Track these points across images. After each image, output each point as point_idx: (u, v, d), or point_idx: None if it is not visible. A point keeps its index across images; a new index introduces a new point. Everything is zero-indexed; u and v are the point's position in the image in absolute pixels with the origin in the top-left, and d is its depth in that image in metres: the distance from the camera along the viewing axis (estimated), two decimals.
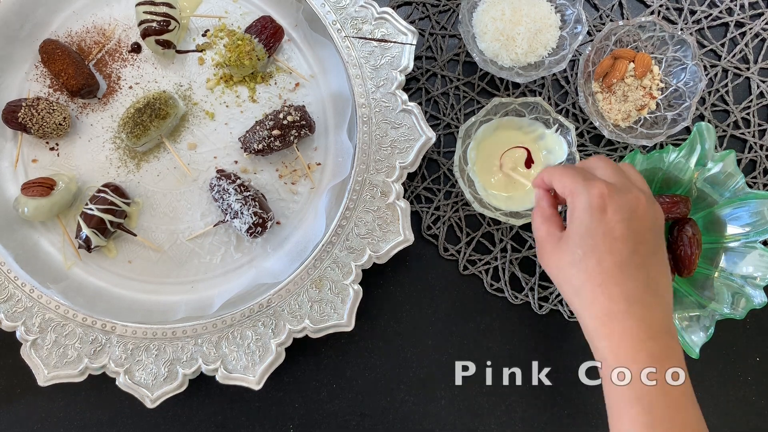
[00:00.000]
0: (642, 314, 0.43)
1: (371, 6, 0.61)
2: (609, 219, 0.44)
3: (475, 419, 0.63)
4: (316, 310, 0.57)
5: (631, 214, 0.44)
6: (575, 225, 0.45)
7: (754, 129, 0.67)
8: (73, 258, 0.61)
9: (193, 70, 0.64)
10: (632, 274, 0.44)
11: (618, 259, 0.44)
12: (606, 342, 0.44)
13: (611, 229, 0.44)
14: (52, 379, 0.56)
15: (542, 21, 0.61)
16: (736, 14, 0.68)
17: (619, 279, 0.43)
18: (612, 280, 0.43)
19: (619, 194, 0.44)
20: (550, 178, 0.49)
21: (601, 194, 0.44)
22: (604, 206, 0.44)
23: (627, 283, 0.43)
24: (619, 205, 0.44)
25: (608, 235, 0.44)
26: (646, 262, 0.44)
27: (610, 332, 0.44)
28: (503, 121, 0.60)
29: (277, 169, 0.63)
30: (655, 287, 0.44)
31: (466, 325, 0.64)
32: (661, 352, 0.43)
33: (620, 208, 0.44)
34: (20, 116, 0.58)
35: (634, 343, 0.43)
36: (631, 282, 0.43)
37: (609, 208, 0.44)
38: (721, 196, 0.56)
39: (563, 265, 0.46)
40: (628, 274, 0.44)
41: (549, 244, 0.47)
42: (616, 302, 0.43)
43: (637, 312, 0.43)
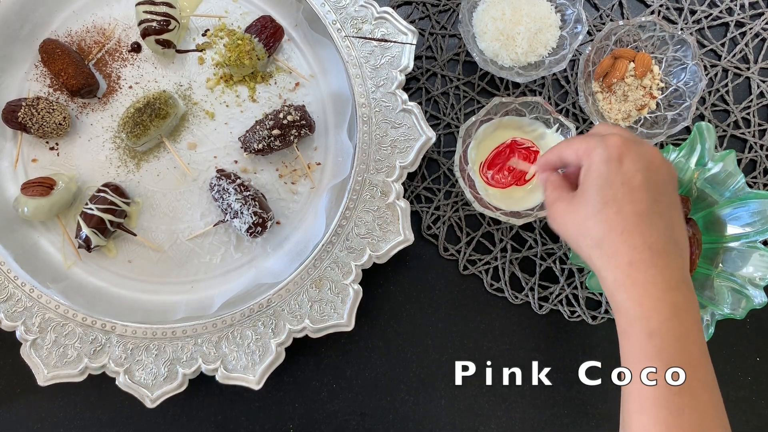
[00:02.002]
0: (665, 263, 0.42)
1: (371, 6, 0.61)
2: (627, 169, 0.43)
3: (475, 419, 0.63)
4: (316, 310, 0.57)
5: (648, 164, 0.43)
6: (592, 177, 0.44)
7: (754, 129, 0.67)
8: (73, 258, 0.61)
9: (193, 70, 0.64)
10: (654, 223, 0.43)
11: (639, 208, 0.43)
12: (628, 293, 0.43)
13: (630, 179, 0.43)
14: (52, 379, 0.56)
15: (542, 21, 0.61)
16: (736, 14, 0.68)
17: (642, 228, 0.42)
18: (635, 230, 0.42)
19: (635, 145, 0.44)
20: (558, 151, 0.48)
21: (617, 144, 0.43)
22: (621, 156, 0.43)
23: (649, 233, 0.42)
24: (637, 154, 0.43)
25: (627, 184, 0.43)
26: (666, 212, 0.44)
27: (633, 282, 0.42)
28: (504, 120, 0.60)
29: (277, 168, 0.63)
30: (676, 238, 0.44)
31: (466, 325, 0.64)
32: (683, 301, 0.42)
33: (638, 158, 0.43)
34: (20, 116, 0.58)
35: (657, 293, 0.42)
36: (653, 231, 0.42)
37: (626, 157, 0.43)
38: (721, 196, 0.56)
39: (580, 220, 0.45)
40: (650, 223, 0.43)
41: (561, 204, 0.46)
42: (639, 251, 0.42)
43: (660, 262, 0.42)
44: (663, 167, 0.45)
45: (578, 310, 0.64)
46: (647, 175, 0.43)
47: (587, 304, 0.65)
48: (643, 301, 0.42)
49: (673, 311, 0.41)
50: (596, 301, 0.65)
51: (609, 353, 0.64)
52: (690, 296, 0.43)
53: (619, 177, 0.43)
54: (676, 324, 0.41)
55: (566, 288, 0.64)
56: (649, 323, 0.41)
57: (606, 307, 0.64)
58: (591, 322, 0.64)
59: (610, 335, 0.65)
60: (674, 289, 0.42)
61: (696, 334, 0.42)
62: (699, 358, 0.42)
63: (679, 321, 0.41)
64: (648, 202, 0.43)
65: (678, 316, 0.41)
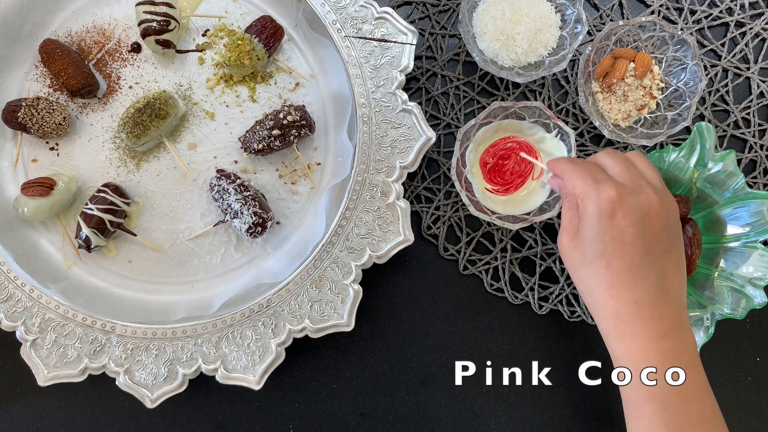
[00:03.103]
0: (651, 316, 0.43)
1: (371, 6, 0.61)
2: (618, 224, 0.43)
3: (475, 419, 0.63)
4: (316, 310, 0.57)
5: (642, 216, 0.44)
6: (585, 228, 0.45)
7: (754, 129, 0.67)
8: (73, 258, 0.61)
9: (193, 70, 0.64)
10: (643, 277, 0.43)
11: (628, 263, 0.43)
12: (618, 342, 0.44)
13: (621, 234, 0.43)
14: (52, 379, 0.56)
15: (542, 21, 0.61)
16: (736, 14, 0.68)
17: (630, 282, 0.43)
18: (622, 284, 0.43)
19: (629, 197, 0.44)
20: (561, 174, 0.49)
21: (610, 199, 0.44)
22: (613, 211, 0.44)
23: (637, 287, 0.43)
24: (629, 209, 0.43)
25: (617, 239, 0.43)
26: (657, 263, 0.44)
27: (621, 333, 0.44)
28: (503, 123, 0.60)
29: (277, 169, 0.63)
30: (667, 287, 0.44)
31: (466, 325, 0.64)
32: (673, 348, 0.43)
33: (631, 212, 0.43)
34: (20, 116, 0.58)
35: (644, 343, 0.43)
36: (641, 285, 0.43)
37: (618, 212, 0.43)
38: (721, 196, 0.56)
39: (576, 264, 0.46)
40: (638, 278, 0.43)
41: (567, 236, 0.47)
42: (626, 305, 0.43)
43: (647, 314, 0.43)
44: (661, 215, 0.45)
45: (578, 310, 0.64)
46: (641, 228, 0.44)
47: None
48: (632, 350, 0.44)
49: (662, 359, 0.43)
50: None
51: (609, 353, 0.64)
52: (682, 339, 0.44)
53: (611, 232, 0.44)
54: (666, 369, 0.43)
55: (566, 288, 0.64)
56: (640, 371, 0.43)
57: None
58: (591, 322, 0.64)
59: None
60: (662, 337, 0.43)
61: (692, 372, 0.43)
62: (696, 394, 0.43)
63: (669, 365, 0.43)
64: (638, 255, 0.43)
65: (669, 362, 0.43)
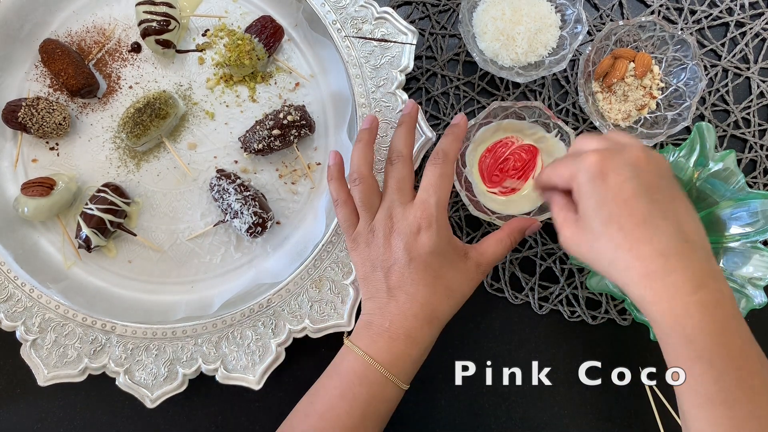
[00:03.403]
0: (683, 265, 0.41)
1: (371, 6, 0.61)
2: (613, 183, 0.42)
3: (475, 419, 0.63)
4: (316, 310, 0.57)
5: (633, 169, 0.42)
6: (584, 201, 0.44)
7: (755, 129, 0.67)
8: (73, 258, 0.61)
9: (193, 70, 0.64)
10: (658, 227, 0.41)
11: (638, 217, 0.41)
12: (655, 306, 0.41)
13: (620, 191, 0.42)
14: (52, 379, 0.56)
15: (542, 21, 0.61)
16: (736, 14, 0.68)
17: (647, 236, 0.41)
18: (640, 241, 0.41)
19: (614, 156, 0.43)
20: (547, 178, 0.48)
21: (595, 162, 0.42)
22: (603, 172, 0.42)
23: (656, 238, 0.41)
24: (618, 166, 0.42)
25: (618, 198, 0.42)
26: (668, 211, 0.42)
27: (656, 294, 0.41)
28: (503, 123, 0.60)
29: (277, 169, 0.63)
30: (687, 234, 0.42)
31: (466, 325, 0.64)
32: (711, 299, 0.41)
33: (620, 168, 0.42)
34: (20, 116, 0.58)
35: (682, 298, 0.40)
36: (659, 236, 0.41)
37: (609, 172, 0.42)
38: (721, 196, 0.56)
39: (589, 243, 0.44)
40: (654, 229, 0.41)
41: (568, 229, 0.46)
42: (652, 260, 0.41)
43: (677, 265, 0.41)
44: (651, 164, 0.43)
45: (578, 310, 0.64)
46: (637, 180, 0.42)
47: (587, 304, 0.65)
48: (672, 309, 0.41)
49: (703, 311, 0.40)
50: (596, 301, 0.65)
51: (609, 353, 0.64)
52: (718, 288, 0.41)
53: (609, 193, 0.42)
54: (709, 323, 0.40)
55: (566, 288, 0.64)
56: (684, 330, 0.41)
57: (606, 307, 0.64)
58: (591, 322, 0.64)
59: (610, 335, 0.65)
60: (699, 288, 0.41)
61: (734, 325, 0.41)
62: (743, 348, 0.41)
63: (712, 319, 0.40)
64: (645, 207, 0.42)
65: (711, 315, 0.40)
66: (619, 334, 0.65)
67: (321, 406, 0.49)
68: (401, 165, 0.52)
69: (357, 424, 0.48)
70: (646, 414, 0.62)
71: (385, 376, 0.48)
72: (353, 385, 0.48)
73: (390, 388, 0.49)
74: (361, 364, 0.49)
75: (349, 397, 0.48)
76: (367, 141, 0.54)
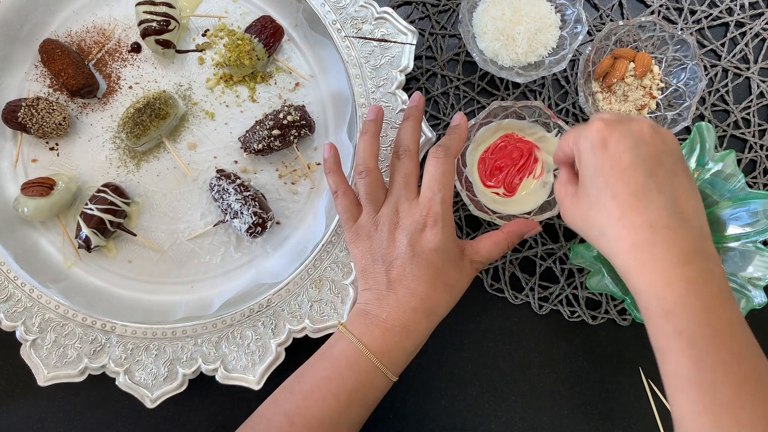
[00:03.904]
0: (670, 239, 0.40)
1: (371, 6, 0.61)
2: (613, 151, 0.42)
3: (475, 419, 0.63)
4: (316, 310, 0.57)
5: (636, 140, 0.42)
6: (583, 168, 0.44)
7: (754, 129, 0.67)
8: (73, 258, 0.61)
9: (193, 70, 0.64)
10: (653, 200, 0.41)
11: (633, 188, 0.41)
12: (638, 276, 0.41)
13: (618, 160, 0.42)
14: (52, 379, 0.56)
15: (542, 21, 0.61)
16: (736, 14, 0.68)
17: (639, 207, 0.41)
18: (632, 210, 0.41)
19: (619, 124, 0.43)
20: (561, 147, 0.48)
21: (599, 129, 0.43)
22: (604, 140, 0.42)
23: (648, 210, 0.41)
24: (621, 135, 0.42)
25: (616, 167, 0.42)
26: (666, 185, 0.42)
27: (641, 265, 0.41)
28: (503, 123, 0.60)
29: (277, 169, 0.63)
30: (681, 210, 0.42)
31: (466, 325, 0.64)
32: (699, 276, 0.40)
33: (622, 138, 0.42)
34: (20, 116, 0.58)
35: (666, 270, 0.40)
36: (652, 208, 0.41)
37: (610, 140, 0.42)
38: (721, 196, 0.56)
39: (583, 212, 0.44)
40: (647, 201, 0.41)
41: (567, 201, 0.47)
42: (641, 231, 0.41)
43: (665, 238, 0.40)
44: (656, 138, 0.43)
45: (578, 310, 0.64)
46: (636, 151, 0.42)
47: (587, 304, 0.65)
48: (654, 281, 0.40)
49: (686, 287, 0.40)
50: (596, 301, 0.65)
51: (609, 353, 0.64)
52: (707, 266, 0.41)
53: (608, 161, 0.42)
54: (692, 299, 0.39)
55: (566, 288, 0.64)
56: (664, 303, 0.40)
57: (606, 307, 0.64)
58: (591, 322, 0.64)
59: (610, 335, 0.65)
60: (685, 263, 0.40)
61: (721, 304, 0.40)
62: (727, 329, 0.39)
63: (696, 295, 0.39)
64: (642, 178, 0.42)
65: (694, 291, 0.39)
66: (619, 334, 0.65)
67: (308, 386, 0.49)
68: (408, 160, 0.53)
69: (342, 408, 0.48)
70: (646, 414, 0.63)
71: (376, 366, 0.48)
72: (343, 370, 0.49)
73: (379, 378, 0.49)
74: (354, 350, 0.49)
75: (338, 380, 0.48)
76: (374, 133, 0.54)
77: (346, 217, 0.53)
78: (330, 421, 0.48)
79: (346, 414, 0.48)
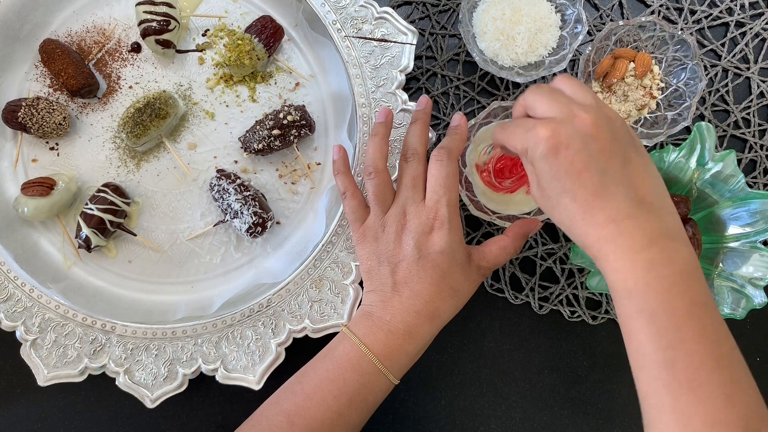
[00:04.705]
0: (632, 226, 0.41)
1: (371, 6, 0.61)
2: (564, 157, 0.42)
3: (475, 419, 0.63)
4: (316, 310, 0.57)
5: (583, 139, 0.42)
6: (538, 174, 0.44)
7: (755, 129, 0.67)
8: (73, 258, 0.61)
9: (193, 70, 0.64)
10: (611, 194, 0.41)
11: (590, 189, 0.42)
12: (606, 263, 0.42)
13: (571, 164, 0.42)
14: (52, 379, 0.56)
15: (542, 21, 0.61)
16: (737, 14, 0.68)
17: (600, 205, 0.41)
18: (593, 209, 0.42)
19: (563, 128, 0.42)
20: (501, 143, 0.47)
21: (545, 139, 0.42)
22: (554, 148, 0.42)
23: (609, 206, 0.41)
24: (568, 139, 0.42)
25: (570, 171, 0.42)
26: (621, 177, 0.42)
27: (606, 254, 0.42)
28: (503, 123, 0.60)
29: (277, 169, 0.63)
30: (641, 196, 0.42)
31: (466, 325, 0.64)
32: (662, 256, 0.40)
33: (570, 140, 0.41)
34: (20, 116, 0.58)
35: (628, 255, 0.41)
36: (612, 202, 0.41)
37: (560, 146, 0.42)
38: (721, 196, 0.56)
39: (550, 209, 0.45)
40: (606, 197, 0.41)
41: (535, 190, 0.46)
42: (604, 227, 0.41)
43: (627, 228, 0.41)
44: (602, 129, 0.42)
45: (578, 310, 0.64)
46: (587, 152, 0.42)
47: (587, 304, 0.65)
48: (618, 266, 0.41)
49: (648, 267, 0.40)
50: (596, 301, 0.65)
51: (610, 353, 0.64)
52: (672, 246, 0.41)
53: (561, 168, 0.42)
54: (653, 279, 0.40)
55: (566, 288, 0.64)
56: (626, 284, 0.41)
57: (606, 307, 0.64)
58: (591, 322, 0.64)
59: (610, 335, 0.65)
60: (647, 246, 0.41)
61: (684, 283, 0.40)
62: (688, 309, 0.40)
63: (656, 275, 0.40)
64: (597, 177, 0.42)
65: (655, 271, 0.40)
66: (619, 334, 0.64)
67: (309, 386, 0.49)
68: (416, 163, 0.53)
69: (342, 409, 0.48)
70: None
71: (378, 368, 0.49)
72: (345, 371, 0.49)
73: (381, 380, 0.49)
74: (356, 352, 0.49)
75: (339, 382, 0.48)
76: (383, 135, 0.54)
77: (354, 218, 0.54)
78: (330, 422, 0.48)
79: (347, 415, 0.48)
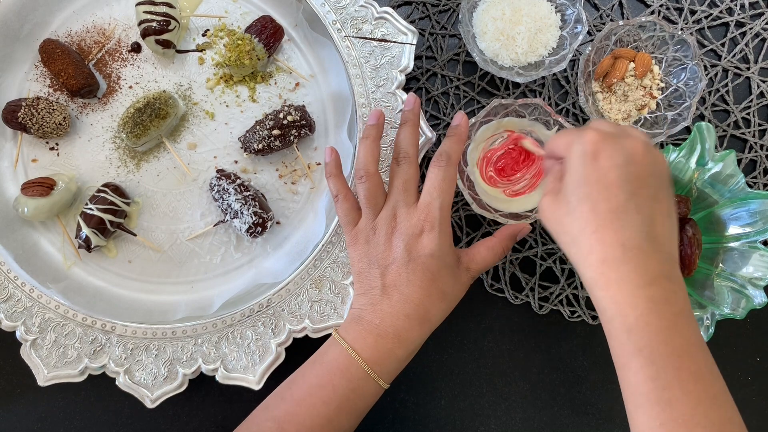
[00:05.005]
0: (638, 260, 0.41)
1: (371, 6, 0.61)
2: (602, 165, 0.42)
3: (475, 419, 0.63)
4: (316, 310, 0.57)
5: (627, 158, 0.42)
6: (569, 174, 0.44)
7: (755, 129, 0.67)
8: (73, 258, 0.61)
9: (193, 70, 0.64)
10: (629, 220, 0.42)
11: (613, 205, 0.42)
12: (603, 291, 0.42)
13: (605, 175, 0.42)
14: (52, 379, 0.56)
15: (542, 21, 0.61)
16: (736, 14, 0.68)
17: (615, 225, 0.42)
18: (607, 227, 0.42)
19: (613, 139, 0.43)
20: (551, 146, 0.48)
21: (593, 140, 0.43)
22: (596, 152, 0.42)
23: (623, 230, 0.42)
24: (613, 150, 0.42)
25: (601, 181, 0.42)
26: (644, 207, 0.42)
27: (607, 280, 0.42)
28: (503, 122, 0.60)
29: (277, 169, 0.63)
30: (655, 234, 0.42)
31: (466, 325, 0.64)
32: (661, 296, 0.41)
33: (614, 153, 0.42)
34: (20, 116, 0.58)
35: (632, 289, 0.41)
36: (627, 228, 0.42)
37: (602, 153, 0.42)
38: (721, 196, 0.56)
39: (560, 216, 0.45)
40: (624, 220, 0.42)
41: (548, 198, 0.46)
42: (612, 249, 0.41)
43: (633, 258, 0.41)
44: (646, 159, 0.43)
45: (578, 310, 0.64)
46: (625, 169, 0.42)
47: (587, 304, 0.65)
48: (618, 298, 0.41)
49: (649, 306, 0.40)
50: None
51: (609, 353, 0.64)
52: (671, 289, 0.42)
53: (594, 174, 0.42)
54: (654, 318, 0.40)
55: (566, 288, 0.64)
56: (626, 320, 0.41)
57: None
58: (591, 322, 0.64)
59: None
60: (650, 284, 0.41)
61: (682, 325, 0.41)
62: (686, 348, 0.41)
63: (657, 315, 0.40)
64: (624, 197, 0.42)
65: (656, 311, 0.40)
66: None
67: (299, 392, 0.49)
68: (407, 165, 0.53)
69: (332, 415, 0.48)
70: None
71: (368, 373, 0.48)
72: (334, 377, 0.49)
73: (371, 385, 0.49)
74: (346, 357, 0.49)
75: (329, 387, 0.48)
76: (375, 138, 0.54)
77: (346, 221, 0.54)
78: (320, 427, 0.48)
79: (336, 421, 0.48)
